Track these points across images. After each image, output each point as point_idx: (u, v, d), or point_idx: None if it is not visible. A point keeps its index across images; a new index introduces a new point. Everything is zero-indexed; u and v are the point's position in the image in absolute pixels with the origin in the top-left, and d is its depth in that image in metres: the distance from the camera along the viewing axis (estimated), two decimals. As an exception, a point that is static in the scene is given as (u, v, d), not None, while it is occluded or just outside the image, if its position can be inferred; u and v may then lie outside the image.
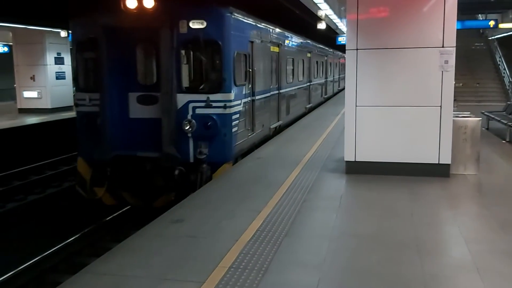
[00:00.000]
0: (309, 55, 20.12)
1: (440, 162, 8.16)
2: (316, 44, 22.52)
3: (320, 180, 8.23)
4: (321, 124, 15.69)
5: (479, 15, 29.50)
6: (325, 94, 26.23)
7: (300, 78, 18.02)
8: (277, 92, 13.87)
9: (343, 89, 8.64)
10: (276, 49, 14.58)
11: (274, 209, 6.59)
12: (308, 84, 20.08)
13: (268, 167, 9.33)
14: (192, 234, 5.69)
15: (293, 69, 16.61)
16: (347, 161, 8.58)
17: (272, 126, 13.24)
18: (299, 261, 4.95)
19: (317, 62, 22.42)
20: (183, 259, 4.99)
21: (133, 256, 5.09)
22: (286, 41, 15.44)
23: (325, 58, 25.67)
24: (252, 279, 4.50)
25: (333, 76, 30.34)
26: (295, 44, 17.09)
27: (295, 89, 16.92)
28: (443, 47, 7.96)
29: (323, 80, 24.91)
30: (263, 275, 4.59)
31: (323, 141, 12.19)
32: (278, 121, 14.08)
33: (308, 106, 20.21)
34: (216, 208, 6.70)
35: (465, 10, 22.80)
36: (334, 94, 30.54)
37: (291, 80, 16.21)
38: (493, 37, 29.89)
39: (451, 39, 7.94)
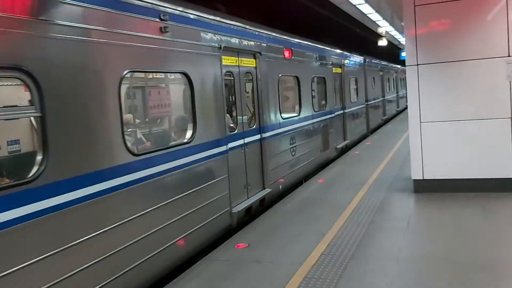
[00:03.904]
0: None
1: (514, 177, 7.75)
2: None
3: (387, 200, 8.05)
4: (388, 142, 15.36)
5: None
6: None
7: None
8: None
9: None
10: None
11: (340, 231, 6.52)
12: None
13: (333, 188, 9.25)
14: (257, 259, 5.76)
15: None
16: (414, 180, 8.34)
17: None
18: (365, 285, 4.85)
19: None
20: (248, 284, 5.06)
21: (200, 282, 5.22)
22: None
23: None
24: (317, 304, 4.47)
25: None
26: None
27: None
28: (509, 56, 7.63)
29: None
30: (328, 300, 4.55)
31: (390, 159, 11.92)
32: None
33: None
34: (281, 232, 6.73)
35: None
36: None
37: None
38: None
39: (518, 47, 7.60)
